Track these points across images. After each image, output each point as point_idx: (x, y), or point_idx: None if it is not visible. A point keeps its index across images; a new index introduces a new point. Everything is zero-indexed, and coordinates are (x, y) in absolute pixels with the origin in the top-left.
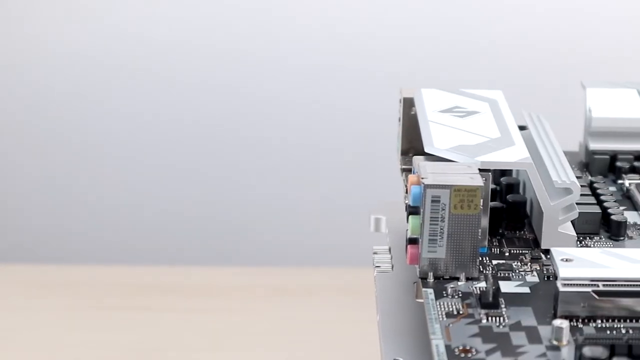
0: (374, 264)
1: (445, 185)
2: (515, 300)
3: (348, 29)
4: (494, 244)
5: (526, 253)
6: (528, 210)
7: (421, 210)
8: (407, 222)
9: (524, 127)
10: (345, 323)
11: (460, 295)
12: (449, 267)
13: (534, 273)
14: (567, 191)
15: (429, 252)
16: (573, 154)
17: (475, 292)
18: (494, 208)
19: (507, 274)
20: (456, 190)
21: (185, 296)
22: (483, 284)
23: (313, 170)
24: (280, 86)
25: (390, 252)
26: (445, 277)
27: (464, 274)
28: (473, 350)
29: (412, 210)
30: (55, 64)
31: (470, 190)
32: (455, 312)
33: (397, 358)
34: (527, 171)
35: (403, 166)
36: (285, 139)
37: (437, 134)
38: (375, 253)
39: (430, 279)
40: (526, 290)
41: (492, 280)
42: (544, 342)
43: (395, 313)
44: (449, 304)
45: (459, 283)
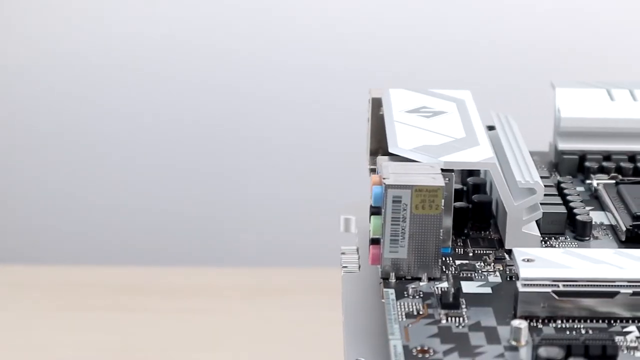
0: (341, 265)
1: (406, 185)
2: (476, 300)
3: (333, 30)
4: (459, 244)
5: (490, 253)
6: (494, 211)
7: (383, 211)
8: (369, 222)
9: (493, 127)
10: (318, 323)
11: (422, 295)
12: (411, 268)
13: (497, 273)
14: (531, 191)
15: (390, 252)
16: (543, 154)
17: (437, 293)
18: (460, 208)
19: (469, 274)
20: (417, 190)
21: (169, 297)
22: (445, 285)
23: (287, 171)
24: (253, 85)
25: (358, 253)
26: (407, 278)
27: (426, 274)
28: (431, 350)
29: (374, 211)
30: (54, 64)
31: (432, 190)
32: (415, 313)
33: (359, 358)
34: (491, 171)
35: (371, 166)
36: (258, 140)
37: (401, 134)
38: (343, 253)
39: (392, 280)
40: (488, 290)
41: (452, 280)
42: (503, 343)
43: (360, 313)
44: (410, 304)
45: (421, 283)
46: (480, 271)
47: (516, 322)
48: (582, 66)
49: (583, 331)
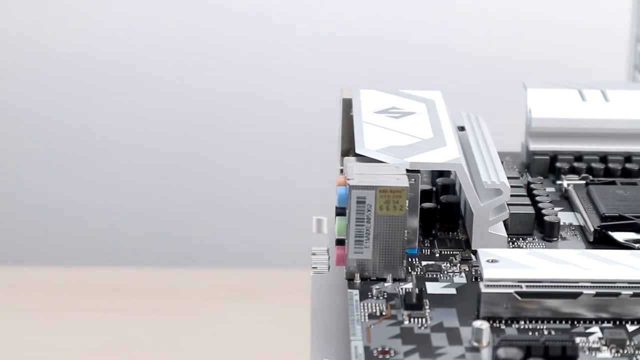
0: (311, 265)
1: (370, 186)
2: (440, 301)
3: (310, 31)
4: (426, 244)
5: (457, 254)
6: (462, 211)
7: (347, 211)
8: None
9: (464, 128)
10: (291, 324)
11: (386, 296)
12: (377, 268)
13: (463, 274)
14: (497, 192)
15: (355, 253)
16: (515, 154)
17: (401, 294)
18: (427, 209)
19: (435, 275)
20: (381, 191)
21: (148, 297)
22: (409, 285)
23: (261, 171)
24: (227, 86)
25: (328, 253)
26: (372, 278)
27: (391, 275)
28: (392, 351)
29: (338, 211)
30: (47, 66)
31: (396, 191)
32: (378, 314)
33: (324, 359)
34: (457, 172)
35: (342, 167)
36: (232, 141)
37: (369, 135)
38: (313, 254)
39: (357, 280)
40: (452, 291)
41: (417, 281)
42: (465, 344)
43: (328, 314)
44: (373, 305)
45: (386, 284)
46: (446, 272)
47: (478, 323)
48: (555, 67)
49: (546, 332)
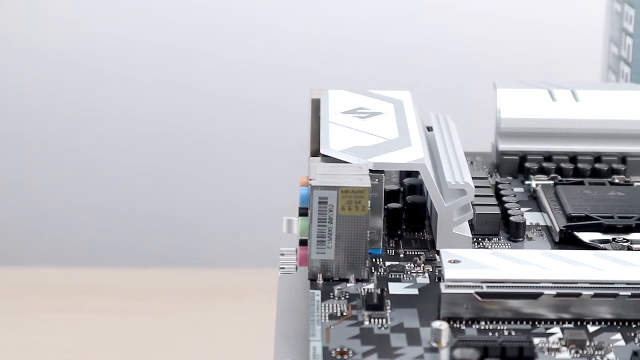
0: (279, 266)
1: (332, 186)
2: (402, 302)
3: (284, 31)
4: (391, 245)
5: (421, 255)
6: (429, 212)
7: (309, 212)
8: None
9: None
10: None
11: (348, 297)
12: (340, 269)
13: (426, 275)
14: (462, 192)
15: (317, 253)
16: (486, 155)
17: (363, 294)
18: (393, 209)
19: (398, 276)
20: (343, 191)
21: (115, 298)
22: (372, 286)
23: (232, 171)
24: (194, 83)
25: (297, 254)
26: (335, 279)
27: (354, 275)
28: (350, 352)
29: (302, 212)
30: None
31: (358, 191)
32: (339, 314)
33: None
34: (421, 172)
35: None
36: (203, 141)
37: (334, 136)
38: (282, 254)
39: (320, 281)
40: (415, 292)
41: (379, 282)
42: (424, 344)
43: (293, 314)
44: (335, 305)
45: (348, 285)
46: (409, 272)
47: (437, 324)
48: (532, 68)
49: (506, 333)
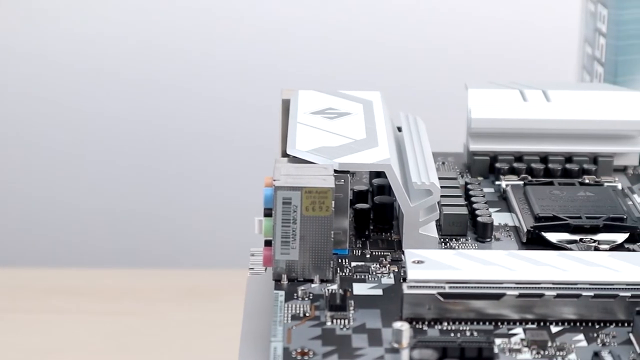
0: (248, 266)
1: (295, 187)
2: (365, 302)
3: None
4: (358, 245)
5: (387, 255)
6: (397, 212)
7: (273, 212)
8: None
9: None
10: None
11: (311, 297)
12: (305, 269)
13: (391, 275)
14: (428, 192)
15: (281, 254)
16: (458, 155)
17: (326, 295)
18: (361, 209)
19: (363, 276)
20: (307, 192)
21: (87, 299)
22: (336, 286)
23: (204, 172)
24: (169, 84)
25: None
26: (299, 279)
27: (318, 276)
28: (310, 352)
29: (266, 212)
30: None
31: (321, 192)
32: (301, 315)
33: None
34: (386, 172)
35: None
36: (176, 141)
37: (301, 136)
38: (252, 255)
39: (284, 281)
40: (379, 292)
41: (343, 282)
42: (385, 345)
43: (259, 315)
44: (298, 306)
45: (313, 285)
46: (374, 273)
47: (398, 324)
48: (503, 67)
49: (468, 333)
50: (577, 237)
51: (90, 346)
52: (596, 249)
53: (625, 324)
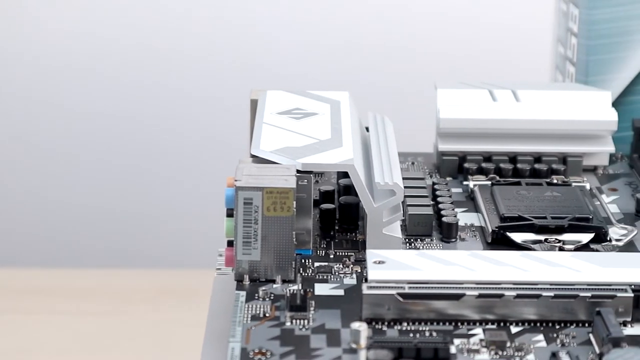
0: (215, 267)
1: (256, 187)
2: (326, 302)
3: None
4: (322, 245)
5: (351, 255)
6: (363, 213)
7: (234, 213)
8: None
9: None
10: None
11: (272, 298)
12: (267, 270)
13: (354, 275)
14: (391, 193)
15: (243, 254)
16: (428, 155)
17: (287, 295)
18: (326, 210)
19: (325, 277)
20: (268, 192)
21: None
22: (297, 287)
23: (173, 172)
24: (139, 85)
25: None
26: (261, 280)
27: (280, 276)
28: (268, 353)
29: (228, 213)
30: None
31: (283, 192)
32: (261, 315)
33: None
34: (349, 173)
35: None
36: (148, 141)
37: (266, 136)
38: (220, 255)
39: (247, 282)
40: (340, 292)
41: (305, 282)
42: (343, 345)
43: (225, 315)
44: (259, 306)
45: (274, 285)
46: (337, 273)
47: (356, 325)
48: (476, 67)
49: (427, 334)
50: (542, 237)
51: (60, 346)
52: (561, 249)
53: (586, 324)
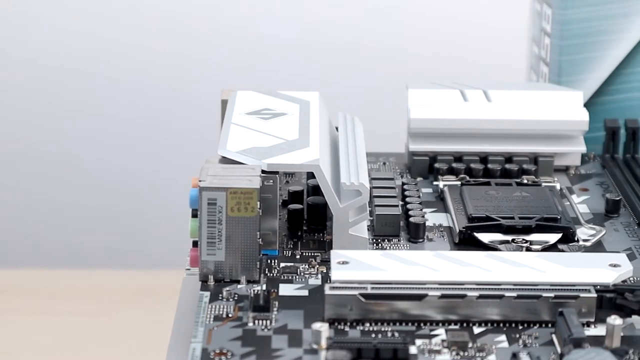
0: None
1: (220, 187)
2: (290, 303)
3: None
4: (289, 246)
5: (317, 255)
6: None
7: (199, 213)
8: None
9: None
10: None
11: (236, 298)
12: (232, 270)
13: (319, 276)
14: (357, 193)
15: (208, 255)
16: (400, 155)
17: (251, 296)
18: (294, 210)
19: (290, 277)
20: (232, 192)
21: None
22: (260, 287)
23: (145, 172)
24: (111, 84)
25: None
26: (226, 280)
27: (245, 276)
28: (229, 353)
29: (192, 213)
30: None
31: (247, 192)
32: (224, 315)
33: None
34: (315, 173)
35: None
36: (118, 141)
37: (233, 136)
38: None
39: (211, 282)
40: (305, 293)
41: (269, 283)
42: (304, 346)
43: (190, 316)
44: (222, 307)
45: (239, 286)
46: (302, 274)
47: (317, 325)
48: (453, 68)
49: (389, 334)
50: (509, 238)
51: (41, 347)
52: (528, 249)
53: (549, 325)
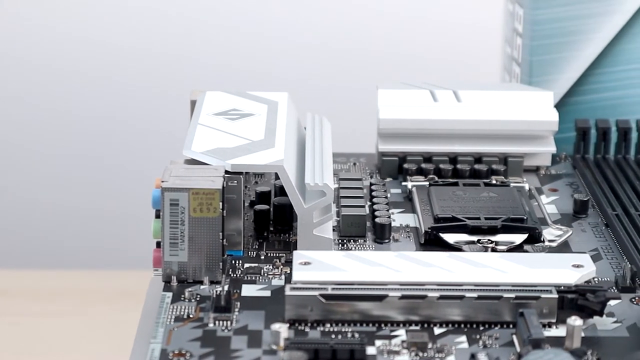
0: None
1: (182, 188)
2: (252, 304)
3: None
4: (255, 246)
5: (282, 256)
6: None
7: (161, 214)
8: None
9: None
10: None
11: (198, 299)
12: (195, 271)
13: (282, 276)
14: (321, 193)
15: (170, 255)
16: (370, 156)
17: (213, 296)
18: (260, 211)
19: (254, 278)
20: (194, 193)
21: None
22: (223, 288)
23: (120, 173)
24: (79, 84)
25: None
26: (189, 281)
27: (208, 277)
28: (188, 354)
29: (156, 214)
30: None
31: (209, 193)
32: (185, 316)
33: None
34: (278, 173)
35: None
36: (92, 141)
37: (199, 137)
38: None
39: (174, 283)
40: (267, 293)
41: (231, 283)
42: (264, 347)
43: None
44: (184, 307)
45: (202, 287)
46: (266, 274)
47: (276, 326)
48: (428, 69)
49: (349, 335)
50: (475, 238)
51: (18, 348)
52: (494, 250)
53: (511, 326)
